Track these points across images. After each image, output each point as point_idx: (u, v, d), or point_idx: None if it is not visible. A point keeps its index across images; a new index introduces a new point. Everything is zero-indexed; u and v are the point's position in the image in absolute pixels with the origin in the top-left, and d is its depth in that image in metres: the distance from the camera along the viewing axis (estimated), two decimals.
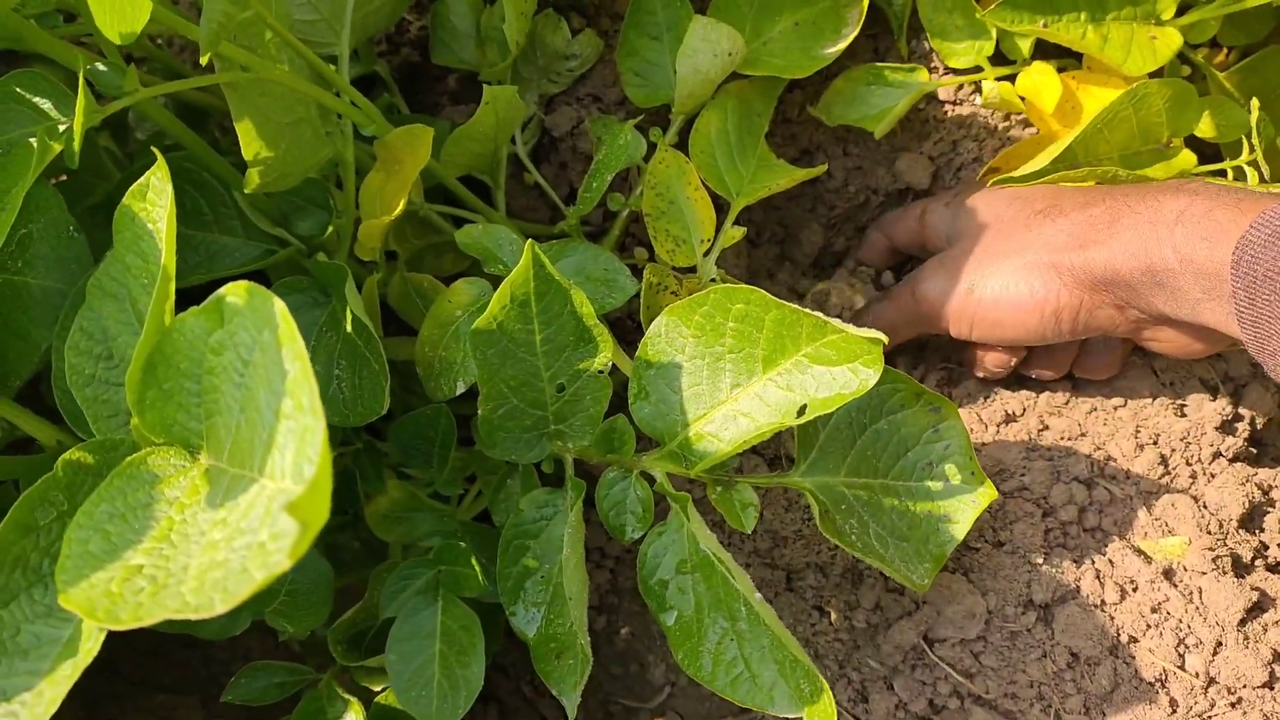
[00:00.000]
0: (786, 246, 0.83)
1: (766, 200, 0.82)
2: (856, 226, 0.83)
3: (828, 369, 0.51)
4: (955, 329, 0.67)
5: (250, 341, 0.38)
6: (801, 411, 0.52)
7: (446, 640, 0.60)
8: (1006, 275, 0.63)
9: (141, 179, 0.44)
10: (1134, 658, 0.61)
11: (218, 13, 0.47)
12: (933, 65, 0.77)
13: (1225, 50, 0.85)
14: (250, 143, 0.55)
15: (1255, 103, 0.65)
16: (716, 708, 0.73)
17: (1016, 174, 0.69)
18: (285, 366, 0.36)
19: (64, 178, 0.71)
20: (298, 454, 0.35)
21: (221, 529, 0.37)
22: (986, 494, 0.58)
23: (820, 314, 0.50)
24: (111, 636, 0.94)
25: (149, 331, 0.41)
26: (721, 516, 0.59)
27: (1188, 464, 0.67)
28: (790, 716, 0.51)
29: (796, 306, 0.51)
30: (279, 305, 0.36)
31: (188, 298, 0.46)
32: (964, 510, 0.58)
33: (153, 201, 0.43)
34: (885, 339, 0.48)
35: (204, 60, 0.46)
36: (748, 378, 0.54)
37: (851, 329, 0.49)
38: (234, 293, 0.38)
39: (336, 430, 0.66)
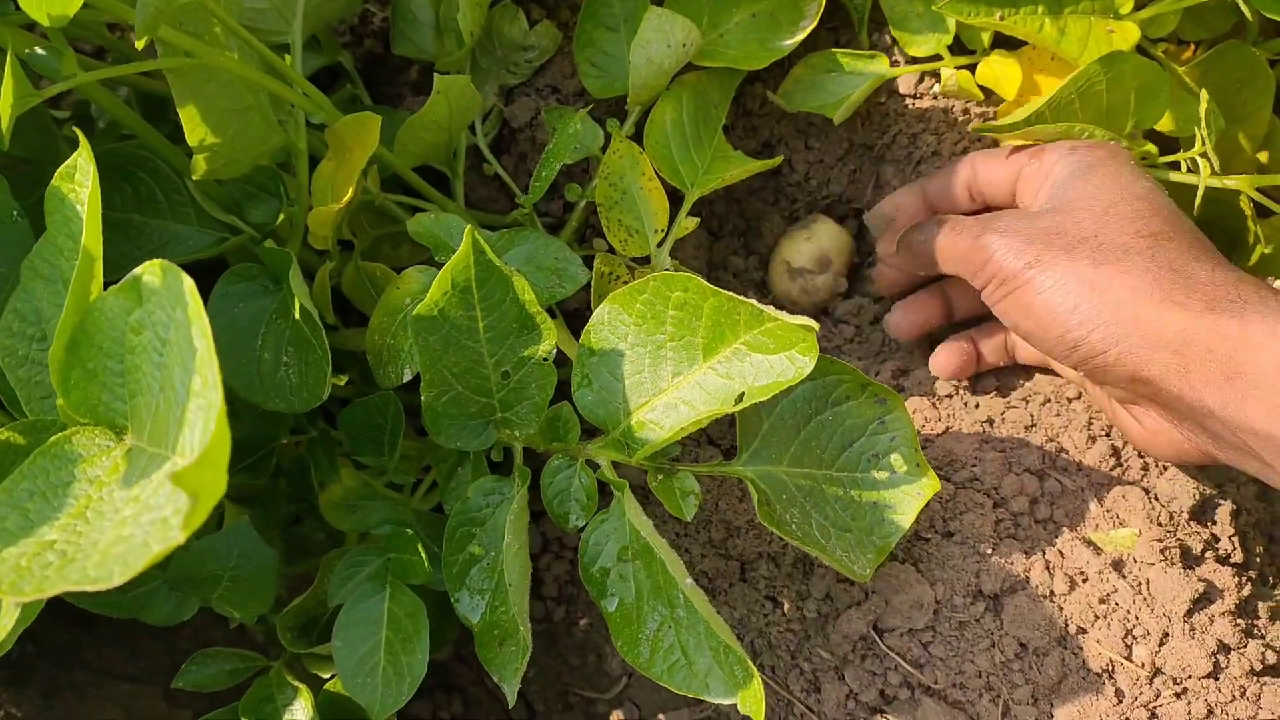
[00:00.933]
0: (749, 239, 0.83)
1: (728, 193, 0.82)
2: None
3: (765, 357, 0.52)
4: (989, 292, 0.61)
5: (166, 320, 0.38)
6: (740, 399, 0.52)
7: (393, 627, 0.60)
8: (1068, 277, 0.56)
9: (69, 161, 0.44)
10: (1082, 648, 0.61)
11: None
12: (894, 58, 0.77)
13: (1192, 46, 0.85)
14: (195, 129, 0.55)
15: (1204, 94, 0.65)
16: (672, 698, 0.73)
17: (997, 123, 0.67)
18: (194, 343, 0.36)
19: (25, 166, 0.72)
20: (204, 430, 0.35)
21: (133, 505, 0.37)
22: (930, 485, 0.58)
23: (755, 302, 0.50)
24: (74, 625, 0.93)
25: (69, 310, 0.41)
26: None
27: (1140, 456, 0.66)
28: (725, 702, 0.51)
29: (733, 294, 0.51)
30: (188, 283, 0.36)
31: None
32: (908, 501, 0.58)
33: (79, 183, 0.43)
34: (816, 326, 0.48)
35: (139, 45, 0.47)
36: (689, 365, 0.54)
37: (786, 316, 0.49)
38: (150, 271, 0.39)
39: (288, 418, 0.66)
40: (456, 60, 0.72)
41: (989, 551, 0.63)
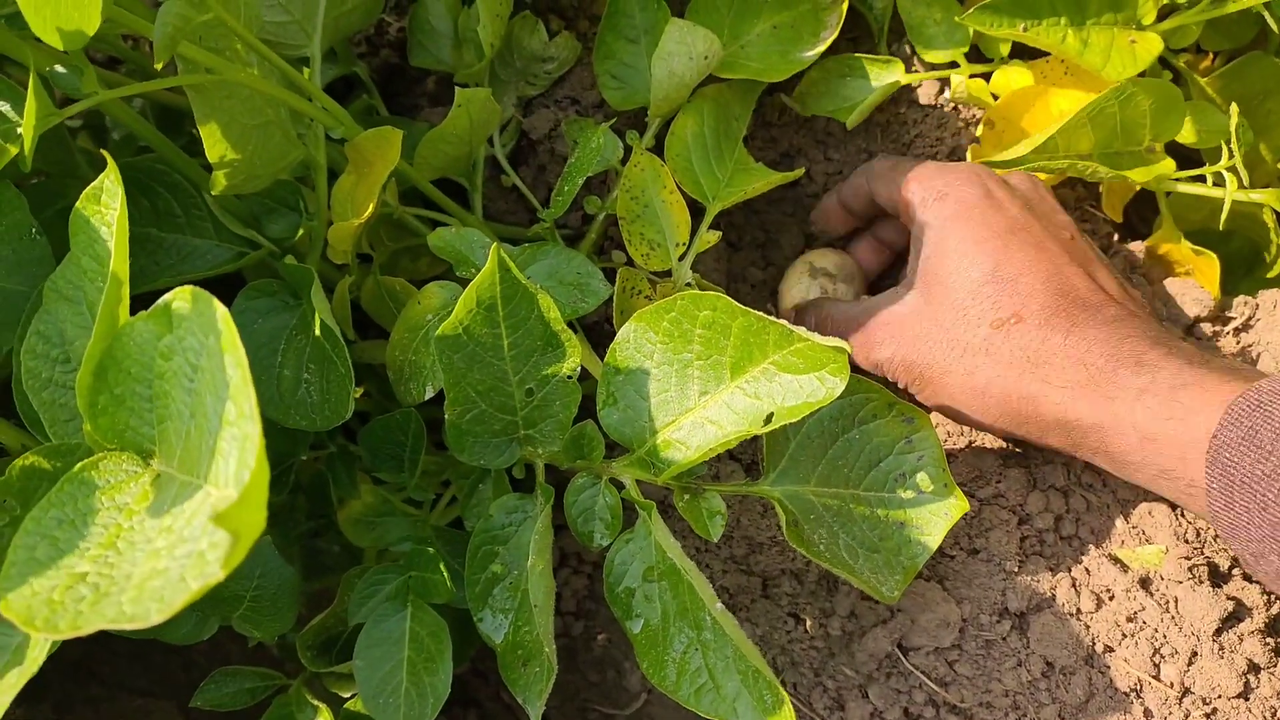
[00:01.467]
0: (768, 250, 0.83)
1: (747, 204, 0.82)
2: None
3: (795, 377, 0.51)
4: (891, 376, 0.66)
5: (198, 346, 0.38)
6: (768, 420, 0.51)
7: (415, 647, 0.60)
8: (951, 393, 0.62)
9: (95, 182, 0.44)
10: (1109, 667, 0.60)
11: (173, 15, 0.47)
12: (913, 66, 0.76)
13: (1211, 55, 0.85)
14: (215, 145, 0.54)
15: (1235, 108, 0.64)
16: (692, 715, 0.72)
17: (996, 158, 0.68)
18: (228, 372, 0.35)
19: (41, 179, 0.71)
20: (239, 462, 0.34)
21: (166, 536, 0.37)
22: (959, 506, 0.57)
23: (786, 323, 0.49)
24: (88, 641, 0.93)
25: (98, 335, 0.40)
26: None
27: None
28: None
29: (763, 314, 0.50)
30: (221, 310, 0.35)
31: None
32: (936, 522, 0.57)
33: (106, 205, 0.43)
34: (850, 348, 0.48)
35: (158, 65, 0.46)
36: (716, 385, 0.53)
37: (817, 338, 0.49)
38: (181, 297, 0.38)
39: (308, 434, 0.66)
40: (476, 72, 0.71)
41: (1015, 569, 0.63)
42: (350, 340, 0.68)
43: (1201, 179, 0.68)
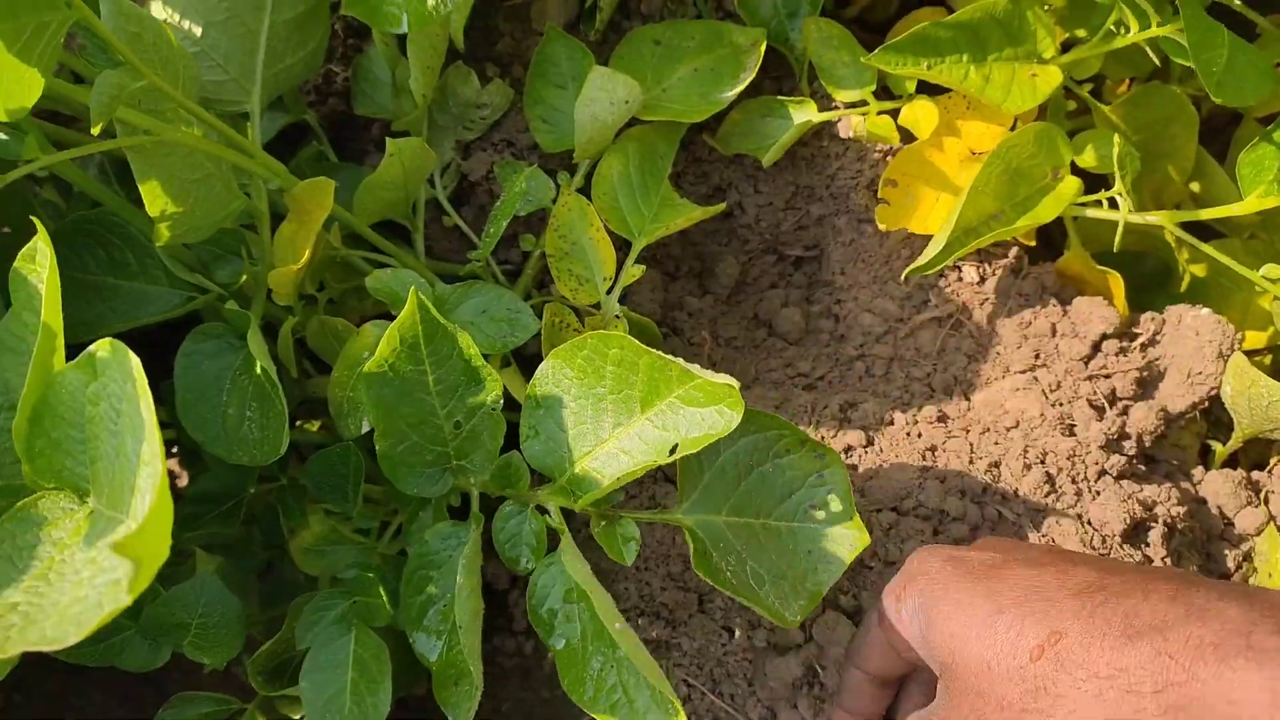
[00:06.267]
0: (704, 279, 0.86)
1: (684, 235, 0.86)
2: (772, 259, 0.87)
3: (698, 410, 0.54)
4: None
5: (119, 392, 0.41)
6: (673, 450, 0.54)
7: (359, 669, 0.63)
8: None
9: (30, 243, 0.47)
10: None
11: (109, 85, 0.50)
12: (834, 104, 0.80)
13: (1128, 82, 0.88)
14: (155, 200, 0.58)
15: (1116, 138, 0.68)
16: None
17: (919, 263, 0.70)
18: (143, 415, 0.39)
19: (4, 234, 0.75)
20: (150, 498, 0.37)
21: (90, 567, 0.40)
22: (861, 539, 0.60)
23: (683, 361, 0.53)
24: (63, 673, 0.95)
25: (32, 383, 0.44)
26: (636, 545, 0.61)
27: (1073, 482, 0.69)
28: None
29: (663, 355, 0.54)
30: (134, 359, 0.39)
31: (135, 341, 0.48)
32: (841, 551, 0.60)
33: (40, 264, 0.47)
34: (737, 384, 0.51)
35: (94, 130, 0.50)
36: (628, 418, 0.56)
37: (711, 375, 0.52)
38: (103, 347, 0.42)
39: (253, 470, 0.69)
40: (413, 120, 0.75)
41: None
42: (296, 377, 0.72)
43: (1099, 203, 0.72)
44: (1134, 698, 0.46)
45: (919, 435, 0.73)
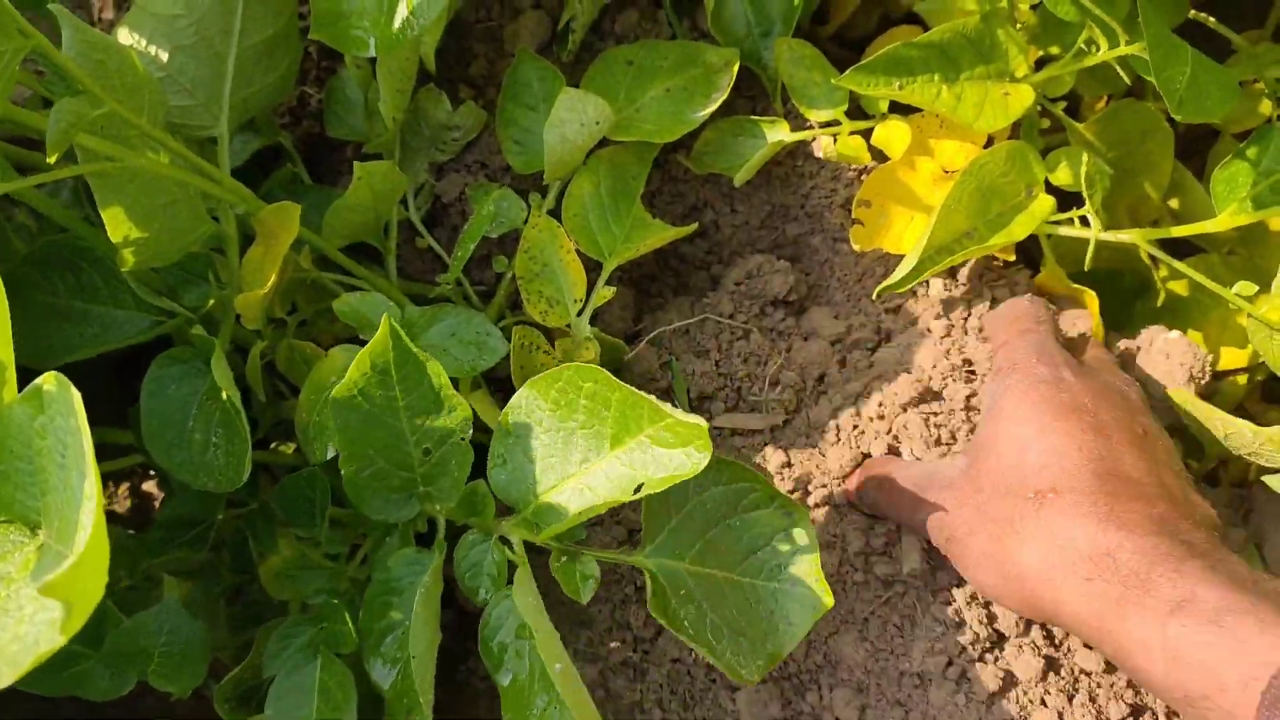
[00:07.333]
0: (680, 297, 0.86)
1: (659, 254, 0.85)
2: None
3: (667, 451, 0.53)
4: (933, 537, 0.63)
5: (65, 426, 0.41)
6: (638, 489, 0.53)
7: (324, 697, 0.62)
8: (981, 558, 0.58)
9: None
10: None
11: (67, 113, 0.50)
12: (807, 123, 0.80)
13: (1106, 98, 0.88)
14: (118, 227, 0.58)
15: (1085, 156, 0.68)
16: None
17: (889, 281, 0.70)
18: (84, 450, 0.38)
19: None
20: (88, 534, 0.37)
21: (34, 604, 0.39)
22: (825, 603, 0.58)
23: (655, 399, 0.52)
24: (36, 700, 0.95)
25: None
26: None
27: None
28: None
29: (635, 391, 0.53)
30: (75, 395, 0.38)
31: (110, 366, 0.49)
32: (804, 614, 0.58)
33: None
34: (706, 425, 0.50)
35: (51, 159, 0.49)
36: (597, 453, 0.56)
37: (681, 415, 0.51)
38: (49, 381, 0.41)
39: (223, 495, 0.69)
40: (385, 142, 0.75)
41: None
42: (265, 401, 0.71)
43: (1071, 221, 0.72)
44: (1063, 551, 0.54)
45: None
